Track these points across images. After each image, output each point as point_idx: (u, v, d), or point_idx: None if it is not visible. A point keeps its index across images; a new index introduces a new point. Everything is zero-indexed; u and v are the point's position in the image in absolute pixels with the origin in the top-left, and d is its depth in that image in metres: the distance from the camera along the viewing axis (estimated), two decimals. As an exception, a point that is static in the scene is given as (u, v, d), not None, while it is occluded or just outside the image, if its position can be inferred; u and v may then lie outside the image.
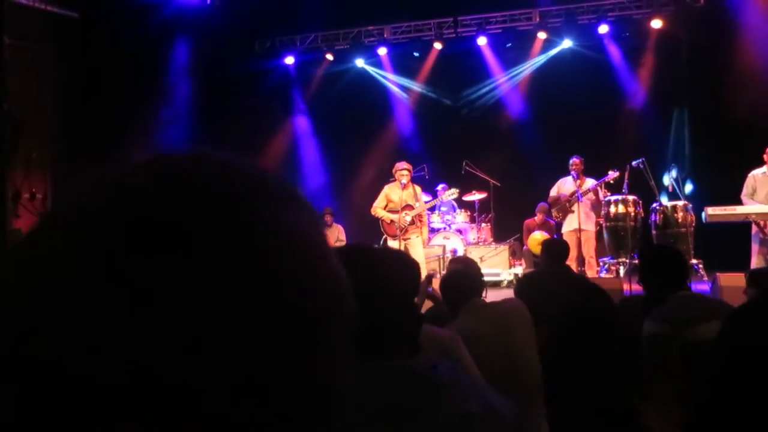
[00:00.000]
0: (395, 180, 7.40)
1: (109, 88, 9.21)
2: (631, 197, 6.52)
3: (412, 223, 7.32)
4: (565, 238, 8.33)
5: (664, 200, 6.66)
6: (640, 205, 6.57)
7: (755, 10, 9.13)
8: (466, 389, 1.04)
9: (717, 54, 9.34)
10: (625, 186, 6.51)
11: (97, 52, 9.10)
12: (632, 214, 6.48)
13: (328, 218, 9.94)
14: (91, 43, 9.08)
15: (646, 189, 6.49)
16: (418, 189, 7.53)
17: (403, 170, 7.25)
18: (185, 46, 10.56)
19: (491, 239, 9.87)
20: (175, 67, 10.52)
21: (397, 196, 7.35)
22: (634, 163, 6.53)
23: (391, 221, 7.35)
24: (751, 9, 9.18)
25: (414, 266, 1.57)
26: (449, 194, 7.74)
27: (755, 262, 6.58)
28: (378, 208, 7.44)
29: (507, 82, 11.28)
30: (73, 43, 8.91)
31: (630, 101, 10.44)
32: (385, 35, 11.40)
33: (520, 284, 2.99)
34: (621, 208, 6.52)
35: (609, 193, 7.93)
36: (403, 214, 7.27)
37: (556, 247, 4.36)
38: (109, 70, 9.15)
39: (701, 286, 6.28)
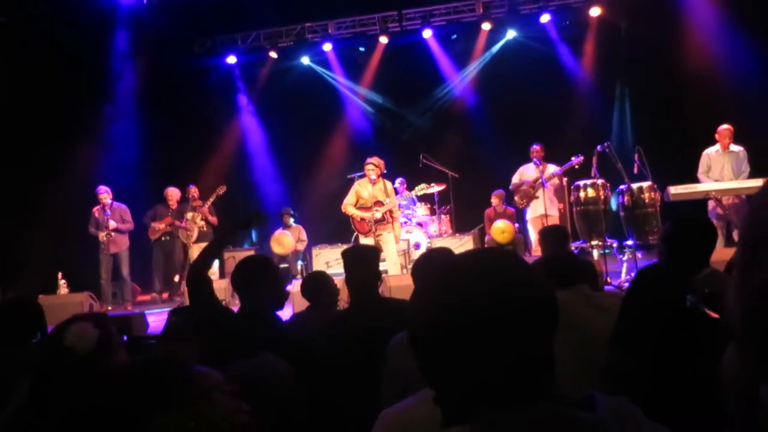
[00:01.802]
0: (365, 176, 7.27)
1: (44, 90, 8.66)
2: (599, 181, 6.67)
3: (383, 219, 7.21)
4: (530, 224, 8.49)
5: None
6: (608, 187, 6.73)
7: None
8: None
9: (654, 38, 9.70)
10: (594, 170, 6.65)
11: (29, 55, 8.51)
12: (602, 197, 6.63)
13: (287, 219, 9.70)
14: (22, 47, 8.48)
15: (612, 172, 6.66)
16: (388, 184, 7.42)
17: (368, 165, 7.11)
18: (123, 45, 10.04)
19: (452, 230, 9.93)
20: (115, 66, 9.99)
21: (366, 193, 7.23)
22: (599, 147, 6.69)
23: (362, 219, 7.22)
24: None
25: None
26: (420, 189, 7.67)
27: (714, 237, 6.88)
28: (348, 206, 7.29)
29: (458, 75, 11.35)
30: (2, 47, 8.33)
31: (576, 88, 10.73)
32: (330, 31, 11.22)
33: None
34: (591, 192, 6.65)
35: (565, 179, 8.13)
36: (373, 210, 7.16)
37: (556, 233, 4.37)
38: (43, 72, 8.58)
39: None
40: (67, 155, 9.13)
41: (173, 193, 9.12)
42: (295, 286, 7.07)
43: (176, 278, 9.08)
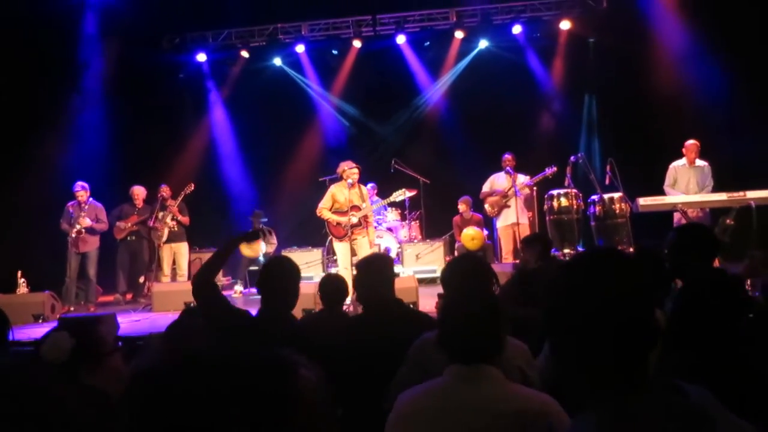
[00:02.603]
0: (341, 180, 7.24)
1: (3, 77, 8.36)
2: (573, 190, 6.80)
3: (359, 224, 7.19)
4: (501, 232, 8.57)
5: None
6: (580, 197, 6.87)
7: (655, 12, 9.84)
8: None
9: (622, 54, 9.95)
10: (568, 180, 6.78)
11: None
12: (575, 207, 6.76)
13: (257, 221, 9.57)
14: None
15: (584, 182, 6.81)
16: (364, 189, 7.40)
17: (353, 169, 7.09)
18: (92, 34, 9.75)
19: (421, 236, 9.98)
20: (81, 55, 9.69)
21: (343, 197, 7.18)
22: (573, 157, 6.83)
23: (338, 223, 7.18)
24: (651, 11, 9.88)
25: None
26: (398, 194, 7.67)
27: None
28: (324, 210, 7.23)
29: (431, 83, 11.43)
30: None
31: (546, 98, 10.94)
32: (303, 32, 11.16)
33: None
34: (564, 202, 6.79)
35: (535, 188, 8.27)
36: (349, 215, 7.13)
37: (540, 242, 4.43)
38: (5, 58, 8.27)
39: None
40: (28, 148, 8.80)
41: (139, 192, 8.91)
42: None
43: (141, 279, 8.87)
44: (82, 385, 1.81)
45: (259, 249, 9.16)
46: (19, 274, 7.64)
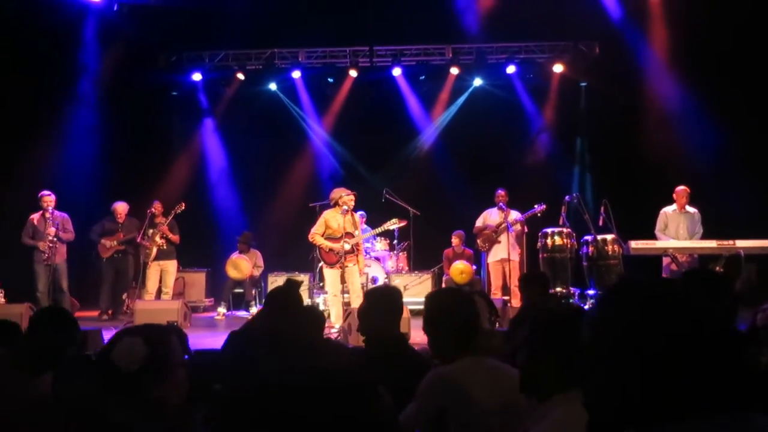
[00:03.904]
0: (335, 206, 7.20)
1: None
2: (565, 230, 6.85)
3: (351, 251, 7.15)
4: (491, 268, 8.58)
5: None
6: (574, 237, 6.93)
7: (646, 60, 10.10)
8: None
9: (613, 97, 10.16)
10: (563, 219, 6.84)
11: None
12: (568, 246, 6.81)
13: (242, 246, 9.45)
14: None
15: (577, 222, 6.87)
16: (356, 217, 7.38)
17: (350, 196, 7.07)
18: (90, 48, 9.67)
19: (408, 268, 9.94)
20: (77, 65, 9.59)
21: (336, 223, 7.14)
22: (567, 197, 6.90)
23: (330, 249, 7.12)
24: (642, 59, 10.14)
25: None
26: (391, 223, 7.65)
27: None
28: (317, 235, 7.17)
29: (425, 119, 11.54)
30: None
31: (537, 138, 11.09)
32: (300, 59, 11.23)
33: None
34: (558, 240, 6.84)
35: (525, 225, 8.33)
36: (342, 242, 7.07)
37: (539, 281, 4.43)
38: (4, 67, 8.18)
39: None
40: (15, 154, 8.63)
41: (122, 209, 8.74)
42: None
43: (124, 296, 8.67)
44: (147, 399, 1.72)
45: (246, 271, 9.04)
46: (-4, 284, 7.42)
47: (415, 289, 9.16)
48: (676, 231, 7.62)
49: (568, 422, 1.66)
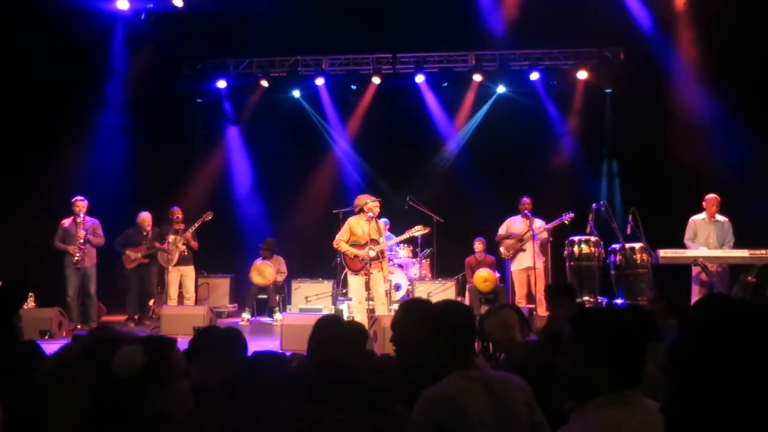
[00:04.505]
0: (359, 213, 7.20)
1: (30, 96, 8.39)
2: (593, 238, 6.77)
3: (375, 257, 7.14)
4: (515, 276, 8.50)
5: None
6: (602, 245, 6.84)
7: (672, 66, 9.98)
8: None
9: (639, 103, 10.04)
10: (590, 227, 6.76)
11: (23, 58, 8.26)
12: (596, 254, 6.73)
13: (265, 252, 9.48)
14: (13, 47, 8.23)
15: (605, 230, 6.78)
16: (381, 224, 7.38)
17: (375, 202, 7.08)
18: (118, 57, 9.83)
19: (431, 275, 9.89)
20: (105, 74, 9.78)
21: (361, 230, 7.14)
22: (595, 205, 6.82)
23: (355, 256, 7.12)
24: (669, 65, 10.02)
25: None
26: (416, 230, 7.63)
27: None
28: (342, 242, 7.17)
29: (448, 123, 11.51)
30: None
31: (563, 145, 10.99)
32: (323, 66, 11.28)
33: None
34: (585, 248, 6.76)
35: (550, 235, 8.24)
36: (367, 249, 7.07)
37: (567, 291, 4.37)
38: (34, 76, 8.33)
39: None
40: (46, 162, 8.77)
41: (147, 219, 8.83)
42: (286, 320, 6.88)
43: (151, 302, 8.76)
44: (149, 412, 1.71)
45: (270, 277, 9.07)
46: (27, 288, 7.49)
47: (439, 296, 9.09)
48: (706, 240, 7.48)
49: (605, 426, 1.64)
